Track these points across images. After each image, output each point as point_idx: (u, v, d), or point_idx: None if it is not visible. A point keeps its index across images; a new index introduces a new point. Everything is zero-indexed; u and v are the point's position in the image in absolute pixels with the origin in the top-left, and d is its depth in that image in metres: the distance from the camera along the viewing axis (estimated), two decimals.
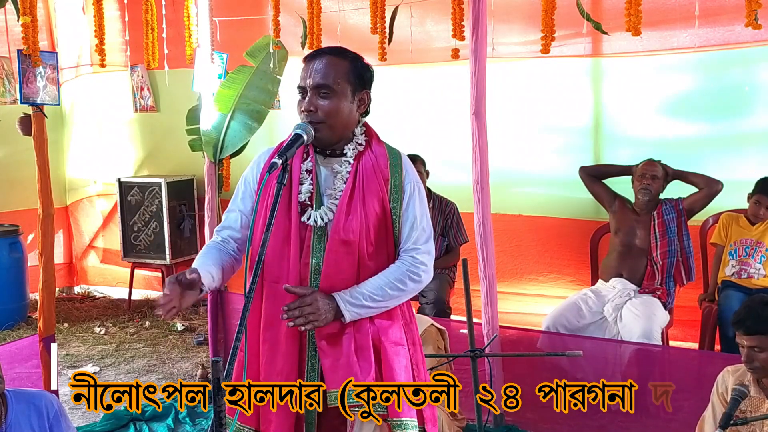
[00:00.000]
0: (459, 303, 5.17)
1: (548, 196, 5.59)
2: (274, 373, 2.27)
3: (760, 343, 2.82)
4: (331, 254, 2.26)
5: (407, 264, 2.34)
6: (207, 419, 4.33)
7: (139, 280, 7.12)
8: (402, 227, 2.34)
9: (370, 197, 2.29)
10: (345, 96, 2.28)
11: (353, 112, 2.32)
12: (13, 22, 4.31)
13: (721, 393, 3.01)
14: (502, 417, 4.04)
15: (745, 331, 2.86)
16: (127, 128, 7.28)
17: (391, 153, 2.38)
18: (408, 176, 2.37)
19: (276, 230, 2.24)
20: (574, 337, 4.30)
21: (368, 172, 2.31)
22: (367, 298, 2.25)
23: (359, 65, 2.33)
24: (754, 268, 4.53)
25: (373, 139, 2.39)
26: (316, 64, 2.27)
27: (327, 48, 2.37)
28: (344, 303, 2.23)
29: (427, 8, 5.28)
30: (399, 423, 2.27)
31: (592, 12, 4.37)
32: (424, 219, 2.37)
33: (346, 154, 2.33)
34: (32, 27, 3.91)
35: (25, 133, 4.52)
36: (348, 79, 2.28)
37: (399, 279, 2.31)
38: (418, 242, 2.35)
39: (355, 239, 2.26)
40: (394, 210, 2.32)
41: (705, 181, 4.57)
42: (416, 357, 2.40)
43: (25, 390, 3.13)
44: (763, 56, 4.80)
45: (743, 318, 2.88)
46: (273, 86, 5.15)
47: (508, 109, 5.32)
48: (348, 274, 2.27)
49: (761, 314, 2.84)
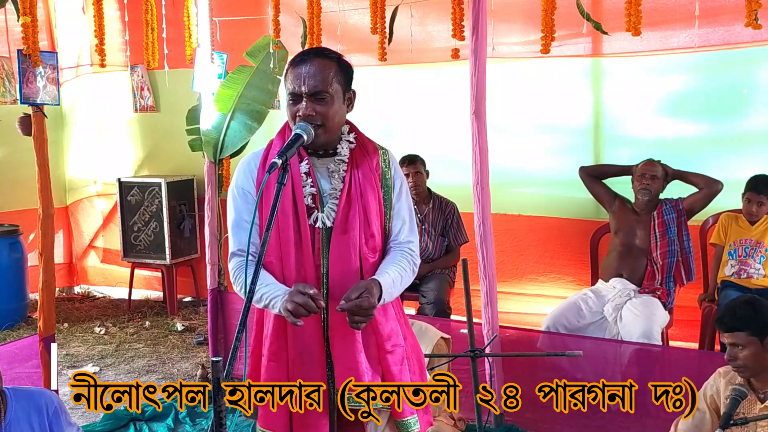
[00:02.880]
0: (459, 303, 5.17)
1: (548, 196, 5.59)
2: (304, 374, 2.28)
3: (738, 340, 2.87)
4: (335, 251, 2.28)
5: (407, 255, 2.38)
6: (207, 419, 4.33)
7: (139, 280, 7.12)
8: (394, 220, 2.39)
9: (367, 192, 2.32)
10: (339, 98, 2.30)
11: (344, 112, 2.35)
12: (13, 22, 4.31)
13: (710, 396, 3.03)
14: (502, 417, 4.05)
15: (723, 328, 2.92)
16: (127, 128, 7.29)
17: (380, 149, 2.42)
18: (397, 171, 2.43)
19: (286, 235, 2.26)
20: (574, 337, 4.30)
21: (363, 168, 2.34)
22: (393, 285, 2.28)
23: (344, 64, 2.34)
24: (754, 268, 4.53)
25: (360, 135, 2.40)
26: (306, 68, 2.26)
27: (311, 50, 2.37)
28: (385, 285, 2.23)
29: (427, 8, 5.28)
30: (404, 423, 2.32)
31: (592, 12, 4.37)
32: (412, 213, 2.45)
33: (339, 152, 2.34)
34: (32, 27, 3.91)
35: (25, 133, 4.53)
36: (338, 80, 2.30)
37: (409, 267, 2.37)
38: (411, 235, 2.42)
39: (356, 234, 2.29)
40: (386, 203, 2.37)
41: (705, 181, 4.57)
42: (409, 350, 2.43)
43: (25, 388, 3.13)
44: (763, 56, 4.80)
45: (722, 316, 2.96)
46: (273, 86, 5.16)
47: (508, 109, 5.33)
48: (353, 268, 2.29)
49: (738, 312, 2.90)
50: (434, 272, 5.15)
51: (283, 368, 2.29)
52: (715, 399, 3.02)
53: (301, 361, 2.28)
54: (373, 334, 2.31)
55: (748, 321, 2.86)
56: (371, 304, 2.15)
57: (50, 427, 2.95)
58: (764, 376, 2.87)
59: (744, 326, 2.86)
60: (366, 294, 2.15)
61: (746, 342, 2.85)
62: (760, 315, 2.87)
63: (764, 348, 2.85)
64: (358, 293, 2.15)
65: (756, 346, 2.85)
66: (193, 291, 7.03)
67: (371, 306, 2.16)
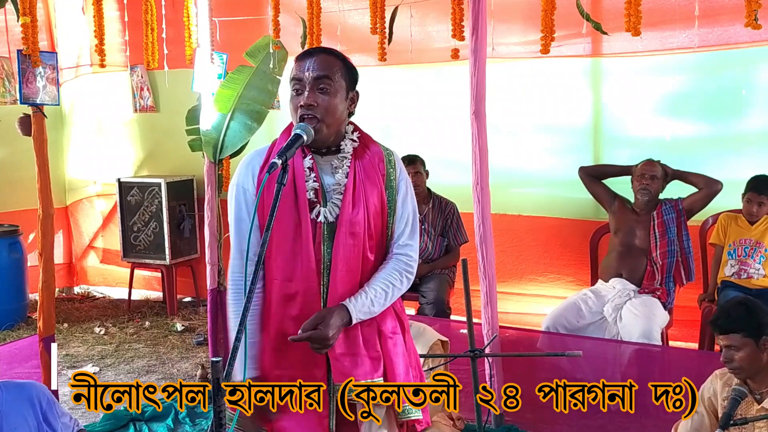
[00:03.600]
0: (459, 303, 5.17)
1: (548, 196, 5.59)
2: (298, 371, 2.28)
3: (733, 342, 2.87)
4: (339, 248, 2.28)
5: (402, 263, 2.38)
6: (207, 419, 4.33)
7: (138, 281, 7.12)
8: (397, 222, 2.39)
9: (371, 191, 2.32)
10: (341, 93, 2.30)
11: (345, 111, 2.34)
12: (13, 22, 4.30)
13: (708, 398, 3.03)
14: (502, 417, 4.04)
15: (718, 330, 2.92)
16: (126, 128, 7.28)
17: (384, 150, 2.42)
18: (402, 173, 2.42)
19: (286, 228, 2.26)
20: (574, 337, 4.31)
21: (367, 166, 2.34)
22: (372, 304, 2.29)
23: (349, 65, 2.36)
24: (754, 269, 4.53)
25: (363, 135, 2.40)
26: (312, 59, 2.28)
27: (317, 48, 2.40)
28: (356, 313, 2.26)
29: (427, 8, 5.28)
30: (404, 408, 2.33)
31: (592, 12, 4.37)
32: (416, 215, 2.45)
33: (343, 150, 2.34)
34: (32, 27, 3.91)
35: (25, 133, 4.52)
36: (343, 75, 2.31)
37: (397, 279, 2.35)
38: (411, 239, 2.41)
39: (360, 231, 2.29)
40: (390, 204, 2.36)
41: (704, 181, 4.57)
42: (408, 343, 2.46)
43: (14, 381, 3.12)
44: (763, 56, 4.81)
45: (716, 318, 2.95)
46: (273, 86, 5.15)
47: (508, 109, 5.32)
48: (354, 266, 2.30)
49: (732, 314, 2.89)
50: (434, 272, 5.15)
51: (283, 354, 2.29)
52: (712, 401, 3.03)
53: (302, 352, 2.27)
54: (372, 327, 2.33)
55: (742, 322, 2.86)
56: (323, 336, 2.17)
57: (44, 418, 2.95)
58: (761, 377, 2.87)
59: (739, 328, 2.86)
60: (321, 326, 2.17)
61: (741, 344, 2.85)
62: (754, 316, 2.87)
63: (760, 349, 2.85)
64: (313, 324, 2.18)
65: (751, 347, 2.85)
66: (193, 291, 7.03)
67: (323, 338, 2.17)
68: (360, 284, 2.31)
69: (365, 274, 2.32)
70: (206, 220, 5.11)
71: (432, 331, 3.79)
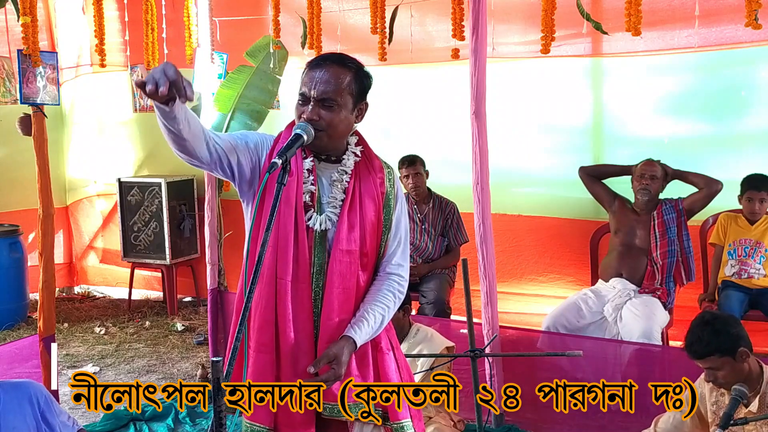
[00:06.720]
0: (459, 303, 5.17)
1: (548, 196, 5.59)
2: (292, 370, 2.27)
3: (713, 364, 2.88)
4: (335, 264, 2.27)
5: (395, 284, 2.38)
6: (207, 419, 4.33)
7: (139, 280, 7.12)
8: (391, 240, 2.38)
9: (368, 209, 2.32)
10: (347, 108, 2.28)
11: (351, 122, 2.33)
12: (13, 22, 4.31)
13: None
14: (502, 417, 4.05)
15: (695, 356, 2.92)
16: (126, 128, 7.28)
17: (386, 167, 2.41)
18: (399, 190, 2.42)
19: (285, 227, 2.25)
20: (574, 337, 4.30)
21: (366, 184, 2.33)
22: (372, 330, 2.30)
23: (361, 75, 2.32)
24: (754, 268, 4.53)
25: (367, 149, 2.40)
26: (320, 74, 2.25)
27: (331, 56, 2.34)
28: (360, 342, 2.27)
29: (427, 8, 5.28)
30: (399, 426, 2.31)
31: (592, 12, 4.38)
32: (407, 234, 2.45)
33: (344, 162, 2.33)
34: (32, 27, 3.91)
35: (25, 133, 4.53)
36: (351, 91, 2.28)
37: (392, 302, 2.36)
38: (403, 259, 2.41)
39: (356, 249, 2.29)
40: (386, 223, 2.36)
41: (705, 181, 4.57)
42: (400, 360, 2.46)
43: (11, 381, 3.12)
44: (763, 56, 4.81)
45: (689, 344, 2.93)
46: (273, 86, 5.16)
47: (508, 109, 5.32)
48: (350, 284, 2.30)
49: (703, 337, 2.88)
50: (434, 272, 5.15)
51: (272, 360, 2.27)
52: (699, 404, 3.04)
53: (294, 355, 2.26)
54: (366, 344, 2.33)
55: (714, 344, 2.86)
56: (338, 376, 2.19)
57: (42, 417, 2.95)
58: (747, 383, 2.85)
59: (713, 350, 2.86)
60: (335, 365, 2.19)
61: (720, 363, 2.86)
62: (724, 333, 2.88)
63: (738, 361, 2.86)
64: (326, 362, 2.19)
65: (730, 363, 2.86)
66: (193, 291, 7.03)
67: (338, 378, 2.20)
68: (353, 300, 2.31)
69: (359, 291, 2.32)
70: (206, 220, 5.11)
71: (440, 338, 3.80)
